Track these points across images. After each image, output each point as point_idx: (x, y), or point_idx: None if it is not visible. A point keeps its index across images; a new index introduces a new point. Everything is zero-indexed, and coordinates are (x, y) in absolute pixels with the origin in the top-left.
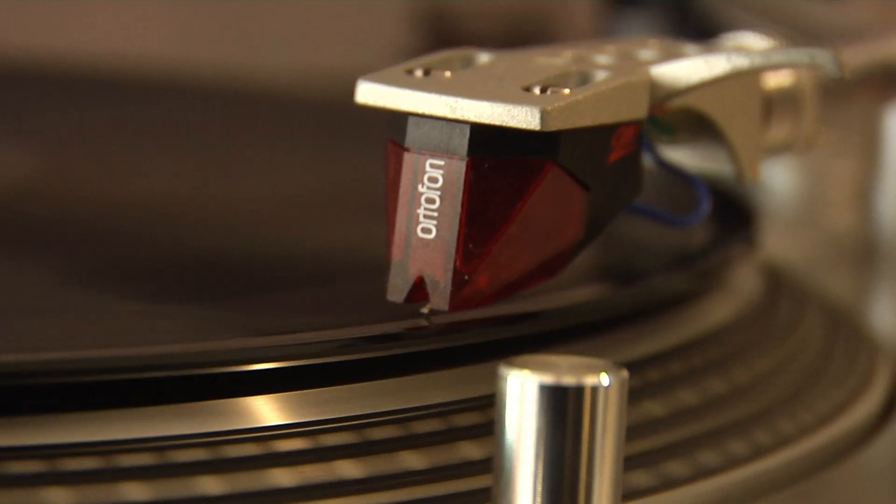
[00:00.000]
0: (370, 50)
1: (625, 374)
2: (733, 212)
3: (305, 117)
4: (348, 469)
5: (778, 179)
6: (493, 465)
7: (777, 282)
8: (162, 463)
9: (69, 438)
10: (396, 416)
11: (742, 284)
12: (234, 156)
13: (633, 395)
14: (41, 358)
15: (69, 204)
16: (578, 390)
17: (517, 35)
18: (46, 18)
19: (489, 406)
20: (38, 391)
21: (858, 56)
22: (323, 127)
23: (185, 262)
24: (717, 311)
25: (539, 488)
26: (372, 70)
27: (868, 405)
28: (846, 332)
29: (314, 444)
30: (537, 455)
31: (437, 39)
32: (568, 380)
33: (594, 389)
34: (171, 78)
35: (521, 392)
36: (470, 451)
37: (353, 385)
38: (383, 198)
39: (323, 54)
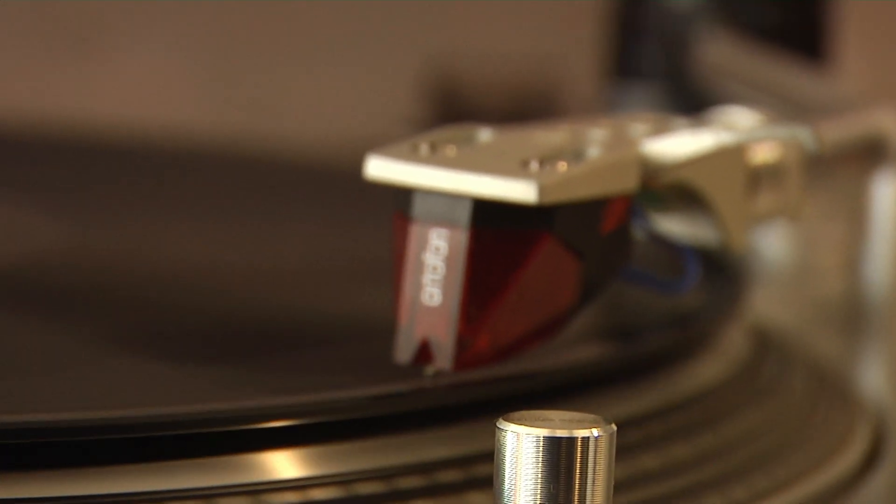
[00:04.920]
0: (380, 120)
1: (613, 427)
2: (723, 277)
3: (316, 185)
4: None
5: (768, 246)
6: None
7: (764, 344)
8: None
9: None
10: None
11: (729, 346)
12: (246, 223)
13: (621, 450)
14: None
15: (99, 271)
16: (570, 441)
17: (523, 108)
18: (61, 84)
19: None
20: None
21: (840, 130)
22: (333, 195)
23: (202, 328)
24: (704, 371)
25: None
26: (383, 140)
27: (848, 461)
28: (831, 392)
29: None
30: (534, 502)
31: (444, 111)
32: (561, 432)
33: (585, 441)
34: (182, 146)
35: (518, 444)
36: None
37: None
38: (391, 266)
39: (334, 124)
